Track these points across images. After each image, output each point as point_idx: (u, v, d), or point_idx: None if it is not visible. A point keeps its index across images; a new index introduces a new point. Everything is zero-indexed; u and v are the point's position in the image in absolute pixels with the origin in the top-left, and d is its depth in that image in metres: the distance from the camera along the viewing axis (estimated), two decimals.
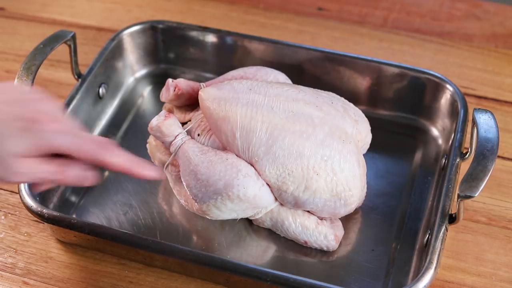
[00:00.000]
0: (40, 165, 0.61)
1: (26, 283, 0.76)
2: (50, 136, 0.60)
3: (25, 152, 0.60)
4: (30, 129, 0.60)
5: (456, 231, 0.80)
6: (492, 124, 0.73)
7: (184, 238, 0.79)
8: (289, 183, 0.72)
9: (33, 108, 0.61)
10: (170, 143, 0.76)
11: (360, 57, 0.90)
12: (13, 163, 0.60)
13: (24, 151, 0.60)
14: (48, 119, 0.61)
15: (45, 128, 0.60)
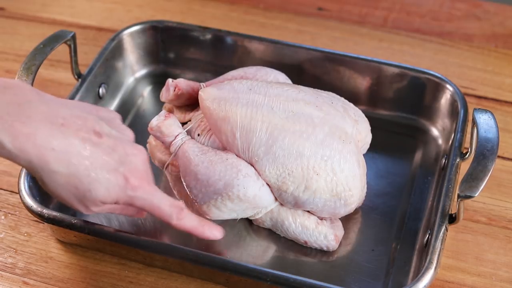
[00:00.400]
0: (111, 206, 0.68)
1: (26, 283, 0.76)
2: (134, 196, 0.65)
3: (108, 202, 0.65)
4: (120, 186, 0.64)
5: (456, 231, 0.80)
6: (492, 124, 0.73)
7: (184, 238, 0.79)
8: (289, 183, 0.72)
9: (130, 164, 0.65)
10: (170, 143, 0.76)
11: (360, 57, 0.90)
12: (94, 206, 0.65)
13: (108, 201, 0.64)
14: (138, 180, 0.65)
15: (133, 189, 0.65)
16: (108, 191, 0.63)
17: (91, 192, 0.63)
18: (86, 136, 0.62)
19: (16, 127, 0.59)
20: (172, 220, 0.67)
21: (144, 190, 0.65)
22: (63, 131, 0.61)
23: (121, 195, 0.64)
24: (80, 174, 0.62)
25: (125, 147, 0.66)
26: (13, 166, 0.87)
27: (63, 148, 0.61)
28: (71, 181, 0.62)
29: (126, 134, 0.69)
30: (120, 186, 0.64)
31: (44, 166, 0.61)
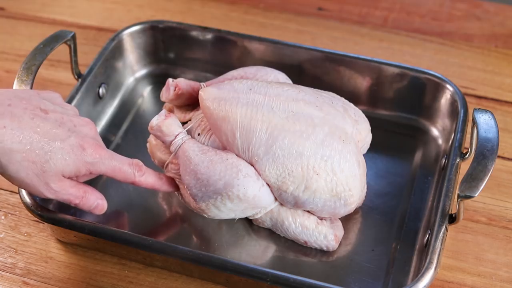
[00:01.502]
0: (70, 188, 0.69)
1: (26, 283, 0.76)
2: (94, 162, 0.68)
3: (68, 174, 0.67)
4: (78, 155, 0.67)
5: (456, 231, 0.80)
6: (492, 124, 0.73)
7: (184, 238, 0.79)
8: (289, 183, 0.72)
9: (80, 133, 0.68)
10: (170, 143, 0.76)
11: (360, 57, 0.90)
12: (53, 180, 0.66)
13: (68, 173, 0.67)
14: (93, 147, 0.68)
15: (91, 155, 0.68)
16: (65, 160, 0.66)
17: (49, 163, 0.65)
18: (34, 112, 0.66)
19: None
20: (135, 177, 0.72)
21: (102, 155, 0.69)
22: (11, 110, 0.64)
23: (80, 164, 0.67)
24: (34, 146, 0.64)
25: (72, 119, 0.69)
26: None
27: (15, 125, 0.63)
28: (27, 157, 0.64)
29: (70, 109, 0.72)
30: (76, 154, 0.67)
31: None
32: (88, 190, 0.71)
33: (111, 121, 0.91)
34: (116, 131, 0.91)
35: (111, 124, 0.91)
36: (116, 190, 0.83)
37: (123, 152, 0.88)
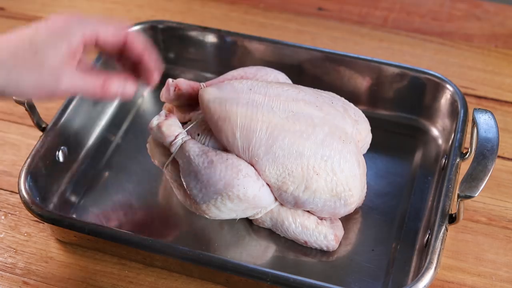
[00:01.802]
0: (85, 78, 0.65)
1: (26, 283, 0.76)
2: (87, 25, 0.65)
3: (72, 47, 0.64)
4: (64, 30, 0.64)
5: (456, 231, 0.80)
6: (492, 124, 0.73)
7: (184, 238, 0.79)
8: (289, 183, 0.72)
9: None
10: (170, 143, 0.76)
11: (360, 57, 0.89)
12: (60, 70, 0.63)
13: (69, 48, 0.63)
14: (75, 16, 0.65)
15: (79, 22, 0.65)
16: (57, 42, 0.63)
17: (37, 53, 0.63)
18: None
19: None
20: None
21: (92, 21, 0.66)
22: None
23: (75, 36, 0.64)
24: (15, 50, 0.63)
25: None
26: (13, 166, 0.87)
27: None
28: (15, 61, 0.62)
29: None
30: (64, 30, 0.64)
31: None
32: (108, 77, 0.67)
33: (111, 121, 0.91)
34: (116, 131, 0.91)
35: (111, 124, 0.91)
36: (116, 190, 0.83)
37: (123, 152, 0.88)
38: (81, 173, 0.85)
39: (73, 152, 0.85)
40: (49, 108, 0.90)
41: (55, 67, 0.64)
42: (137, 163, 0.86)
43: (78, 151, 0.86)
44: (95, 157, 0.87)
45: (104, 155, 0.88)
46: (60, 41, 0.64)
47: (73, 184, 0.84)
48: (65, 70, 0.64)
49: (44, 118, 0.81)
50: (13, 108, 0.94)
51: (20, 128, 0.92)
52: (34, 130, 0.84)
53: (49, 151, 0.81)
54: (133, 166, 0.86)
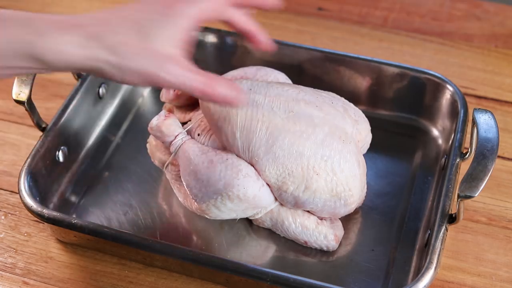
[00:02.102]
0: (192, 70, 0.60)
1: (26, 283, 0.76)
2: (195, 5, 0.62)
3: (177, 38, 0.60)
4: (172, 10, 0.61)
5: (456, 231, 0.80)
6: (492, 124, 0.73)
7: (184, 238, 0.79)
8: (289, 183, 0.72)
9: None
10: (170, 143, 0.76)
11: (360, 57, 0.89)
12: (166, 57, 0.59)
13: (176, 37, 0.60)
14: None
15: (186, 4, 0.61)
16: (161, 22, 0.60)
17: (148, 34, 0.59)
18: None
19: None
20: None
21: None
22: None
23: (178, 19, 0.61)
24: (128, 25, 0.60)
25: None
26: (13, 166, 0.87)
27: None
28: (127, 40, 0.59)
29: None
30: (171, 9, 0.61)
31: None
32: (216, 76, 0.62)
33: (111, 121, 0.91)
34: (116, 131, 0.91)
35: (111, 124, 0.91)
36: (116, 190, 0.83)
37: (123, 152, 0.88)
38: (81, 173, 0.85)
39: (73, 152, 0.85)
40: (49, 108, 0.90)
41: (161, 53, 0.59)
42: (137, 163, 0.86)
43: (78, 151, 0.87)
44: (95, 157, 0.87)
45: (104, 155, 0.88)
46: (167, 23, 0.60)
47: (73, 184, 0.84)
48: (171, 57, 0.60)
49: (44, 118, 0.81)
50: (13, 108, 0.94)
51: (20, 128, 0.92)
52: (34, 130, 0.84)
53: (49, 151, 0.81)
54: (133, 166, 0.86)
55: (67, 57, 0.58)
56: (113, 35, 0.59)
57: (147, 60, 0.59)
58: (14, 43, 0.57)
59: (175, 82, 0.60)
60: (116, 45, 0.59)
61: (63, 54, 0.58)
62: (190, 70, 0.60)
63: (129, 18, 0.60)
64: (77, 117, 0.85)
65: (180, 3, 0.62)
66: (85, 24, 0.59)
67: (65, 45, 0.58)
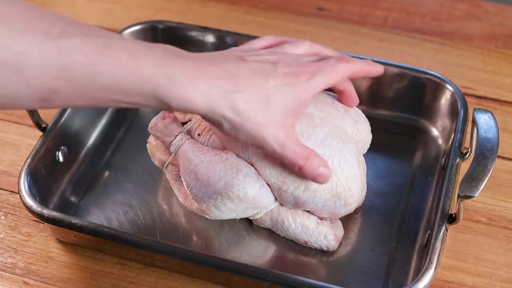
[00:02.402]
0: (295, 146, 0.65)
1: (26, 283, 0.76)
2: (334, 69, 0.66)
3: (290, 112, 0.63)
4: (292, 83, 0.63)
5: (456, 231, 0.80)
6: (492, 124, 0.73)
7: (184, 238, 0.79)
8: (289, 183, 0.72)
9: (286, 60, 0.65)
10: (170, 143, 0.76)
11: (360, 57, 0.89)
12: (278, 126, 0.63)
13: (290, 110, 0.63)
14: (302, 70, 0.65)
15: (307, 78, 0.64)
16: (281, 93, 0.62)
17: (270, 103, 0.62)
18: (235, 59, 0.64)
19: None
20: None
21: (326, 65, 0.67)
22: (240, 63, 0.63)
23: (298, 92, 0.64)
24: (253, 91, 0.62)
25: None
26: (13, 166, 0.87)
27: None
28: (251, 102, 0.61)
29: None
30: (290, 83, 0.63)
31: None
32: (311, 152, 0.66)
33: (111, 121, 0.91)
34: (116, 131, 0.91)
35: (111, 124, 0.91)
36: (116, 190, 0.83)
37: (123, 152, 0.88)
38: (81, 173, 0.85)
39: (73, 152, 0.85)
40: None
41: (276, 121, 0.62)
42: (137, 163, 0.86)
43: (78, 151, 0.87)
44: (95, 157, 0.87)
45: (104, 155, 0.88)
46: (290, 94, 0.63)
47: (73, 184, 0.84)
48: (283, 126, 0.63)
49: (44, 118, 0.81)
50: None
51: (20, 128, 0.92)
52: (34, 130, 0.84)
53: (49, 151, 0.81)
54: (133, 166, 0.86)
55: (191, 105, 0.59)
56: (239, 94, 0.60)
57: (263, 127, 0.62)
58: (142, 81, 0.56)
59: (280, 153, 0.64)
60: (241, 107, 0.61)
61: (189, 102, 0.59)
62: (296, 143, 0.64)
63: (258, 79, 0.62)
64: (77, 117, 0.85)
65: (307, 77, 0.64)
66: (217, 76, 0.60)
67: (193, 94, 0.59)
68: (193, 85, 0.58)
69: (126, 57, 0.56)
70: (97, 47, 0.54)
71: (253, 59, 0.64)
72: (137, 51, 0.57)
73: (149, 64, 0.57)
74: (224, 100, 0.60)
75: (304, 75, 0.64)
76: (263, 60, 0.64)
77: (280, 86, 0.62)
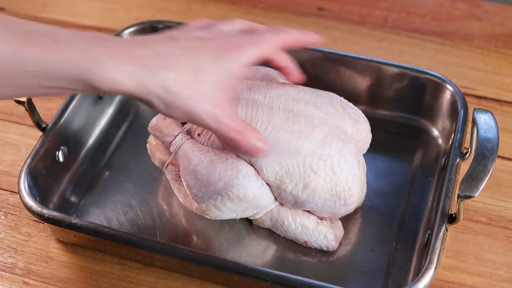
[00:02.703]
0: (230, 120, 0.65)
1: (26, 283, 0.76)
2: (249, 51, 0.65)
3: (221, 86, 0.63)
4: (228, 55, 0.63)
5: (456, 231, 0.80)
6: (492, 124, 0.73)
7: (184, 238, 0.79)
8: (287, 181, 0.72)
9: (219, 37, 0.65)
10: (170, 143, 0.76)
11: (360, 57, 0.89)
12: (214, 101, 0.63)
13: (221, 84, 0.63)
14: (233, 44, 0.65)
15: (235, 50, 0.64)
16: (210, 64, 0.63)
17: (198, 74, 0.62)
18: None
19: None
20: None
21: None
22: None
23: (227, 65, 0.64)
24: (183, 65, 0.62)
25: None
26: (13, 166, 0.87)
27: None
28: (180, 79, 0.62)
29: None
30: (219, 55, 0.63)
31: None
32: (247, 126, 0.67)
33: (111, 121, 0.91)
34: (116, 131, 0.91)
35: (111, 124, 0.91)
36: (116, 190, 0.83)
37: (123, 152, 0.88)
38: (81, 173, 0.85)
39: (73, 152, 0.85)
40: (49, 108, 0.90)
41: (208, 96, 0.62)
42: (137, 163, 0.86)
43: (78, 151, 0.87)
44: (95, 157, 0.87)
45: (104, 155, 0.88)
46: (220, 67, 0.63)
47: (73, 184, 0.84)
48: (216, 101, 0.63)
49: (44, 118, 0.81)
50: (13, 108, 0.94)
51: (20, 128, 0.92)
52: (34, 130, 0.84)
53: (49, 151, 0.81)
54: (133, 166, 0.86)
55: (119, 86, 0.59)
56: (167, 71, 0.61)
57: (196, 103, 0.62)
58: (67, 65, 0.57)
59: (213, 127, 0.64)
60: (171, 84, 0.61)
61: (116, 83, 0.59)
62: (229, 117, 0.64)
63: (186, 55, 0.62)
64: (77, 117, 0.85)
65: (236, 48, 0.64)
66: (142, 56, 0.60)
67: (119, 75, 0.59)
68: (118, 65, 0.59)
69: (50, 44, 0.57)
70: (20, 37, 0.56)
71: (182, 37, 0.64)
72: (62, 37, 0.58)
73: (74, 48, 0.57)
74: (153, 78, 0.60)
75: (233, 48, 0.64)
76: (192, 37, 0.65)
77: (210, 61, 0.63)
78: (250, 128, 0.67)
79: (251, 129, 0.67)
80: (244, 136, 0.66)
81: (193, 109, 0.62)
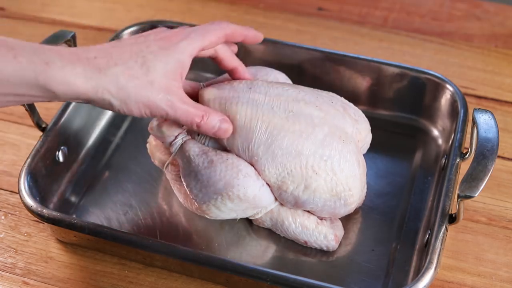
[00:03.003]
0: (188, 106, 0.67)
1: (26, 283, 0.76)
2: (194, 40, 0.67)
3: (173, 75, 0.65)
4: (174, 46, 0.66)
5: (456, 231, 0.80)
6: (492, 124, 0.73)
7: (184, 238, 0.79)
8: (289, 183, 0.72)
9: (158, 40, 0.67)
10: (170, 143, 0.76)
11: (360, 57, 0.90)
12: (167, 90, 0.65)
13: (173, 73, 0.65)
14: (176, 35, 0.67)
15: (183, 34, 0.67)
16: (161, 60, 0.65)
17: (149, 71, 0.64)
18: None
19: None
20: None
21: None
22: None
23: (175, 58, 0.66)
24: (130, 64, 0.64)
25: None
26: (13, 166, 0.87)
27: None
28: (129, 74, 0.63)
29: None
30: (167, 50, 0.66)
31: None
32: (207, 109, 0.69)
33: (111, 121, 0.91)
34: (116, 131, 0.91)
35: (111, 124, 0.91)
36: (116, 190, 0.83)
37: (123, 152, 0.88)
38: (81, 173, 0.85)
39: (73, 152, 0.85)
40: (49, 108, 0.90)
41: (161, 86, 0.64)
42: (137, 163, 0.86)
43: (78, 151, 0.87)
44: (95, 157, 0.87)
45: (104, 155, 0.88)
46: (167, 57, 0.65)
47: (73, 184, 0.84)
48: (170, 89, 0.64)
49: (44, 118, 0.82)
50: (13, 108, 0.94)
51: (20, 128, 0.92)
52: (34, 130, 0.84)
53: (49, 151, 0.81)
54: (133, 166, 0.86)
55: (73, 88, 0.61)
56: (116, 67, 0.62)
57: (150, 92, 0.63)
58: (21, 71, 0.58)
59: (171, 113, 0.65)
60: (120, 78, 0.62)
61: (69, 85, 0.60)
62: (186, 103, 0.66)
63: (132, 51, 0.64)
64: (77, 117, 0.85)
65: (179, 38, 0.67)
66: (92, 57, 0.62)
67: (71, 76, 0.60)
68: (71, 67, 0.60)
69: (4, 51, 0.59)
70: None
71: (129, 38, 0.67)
72: (15, 44, 0.60)
73: (26, 53, 0.59)
74: (104, 77, 0.62)
75: (178, 38, 0.66)
76: (138, 36, 0.67)
77: (155, 52, 0.65)
78: (210, 111, 0.69)
79: (212, 111, 0.69)
80: (207, 119, 0.68)
81: (148, 99, 0.64)
